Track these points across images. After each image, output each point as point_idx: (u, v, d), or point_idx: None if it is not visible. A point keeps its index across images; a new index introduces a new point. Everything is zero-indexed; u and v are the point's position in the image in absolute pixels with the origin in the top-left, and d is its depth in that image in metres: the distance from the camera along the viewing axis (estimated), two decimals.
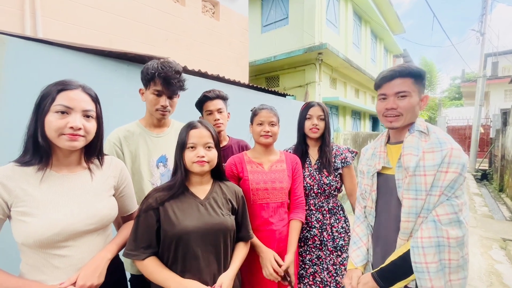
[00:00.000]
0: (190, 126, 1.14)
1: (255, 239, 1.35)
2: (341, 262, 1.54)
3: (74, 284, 0.87)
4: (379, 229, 1.16)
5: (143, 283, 1.34)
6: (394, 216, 1.07)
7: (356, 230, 1.26)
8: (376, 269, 1.08)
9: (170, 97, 1.36)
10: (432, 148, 0.98)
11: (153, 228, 1.04)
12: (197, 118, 1.37)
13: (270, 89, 4.40)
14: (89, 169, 1.00)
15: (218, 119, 1.71)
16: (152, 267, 1.03)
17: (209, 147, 1.13)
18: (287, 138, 2.16)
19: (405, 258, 0.99)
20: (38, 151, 0.88)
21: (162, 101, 1.33)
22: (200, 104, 1.78)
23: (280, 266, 1.34)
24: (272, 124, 1.47)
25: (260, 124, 1.46)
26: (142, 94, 1.40)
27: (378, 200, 1.16)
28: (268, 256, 1.33)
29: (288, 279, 1.35)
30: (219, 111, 1.73)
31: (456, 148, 0.96)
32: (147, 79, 1.31)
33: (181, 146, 1.12)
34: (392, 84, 1.07)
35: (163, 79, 1.29)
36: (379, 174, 1.16)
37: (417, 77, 1.06)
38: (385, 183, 1.13)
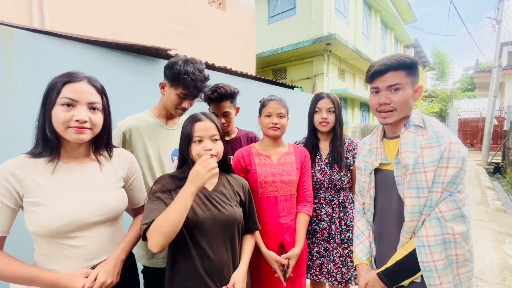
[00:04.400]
0: (194, 119, 1.12)
1: (259, 242, 1.35)
2: (347, 254, 1.53)
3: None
4: (380, 225, 1.15)
5: (155, 273, 1.36)
6: (396, 211, 1.05)
7: (357, 225, 1.25)
8: (381, 269, 1.07)
9: (192, 100, 1.38)
10: (429, 143, 0.95)
11: (163, 206, 1.03)
12: (200, 108, 1.34)
13: (277, 81, 4.34)
14: (98, 161, 1.01)
15: (223, 123, 1.64)
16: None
17: (215, 139, 1.13)
18: (294, 130, 2.12)
19: (411, 257, 0.97)
20: (48, 143, 0.89)
21: (185, 104, 1.35)
22: (207, 102, 1.71)
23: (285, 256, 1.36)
24: (281, 116, 1.44)
25: (268, 115, 1.44)
26: (162, 87, 1.37)
27: (377, 197, 1.14)
28: (271, 260, 1.35)
29: (285, 268, 1.35)
30: (225, 114, 1.64)
31: (454, 142, 0.93)
32: (177, 80, 1.28)
33: (187, 139, 1.11)
34: (384, 77, 1.03)
35: (195, 87, 1.29)
36: (377, 170, 1.13)
37: (410, 68, 1.02)
38: (384, 179, 1.11)
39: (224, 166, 1.23)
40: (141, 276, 1.28)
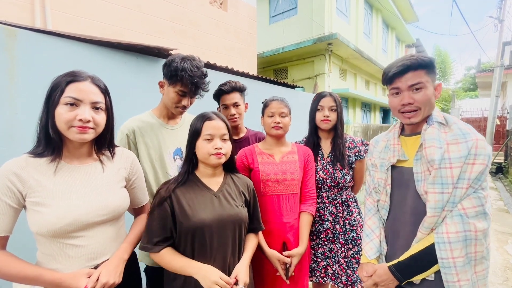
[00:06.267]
0: (205, 117, 1.12)
1: (261, 241, 1.35)
2: (352, 255, 1.52)
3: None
4: (394, 223, 1.14)
5: (158, 273, 1.36)
6: (411, 209, 1.05)
7: (368, 223, 1.24)
8: (393, 262, 1.06)
9: (191, 97, 1.37)
10: (456, 140, 0.95)
11: (167, 221, 1.05)
12: (203, 109, 1.35)
13: (278, 81, 4.33)
14: (100, 160, 1.00)
15: (234, 114, 1.69)
16: (168, 257, 1.04)
17: (225, 139, 1.13)
18: (295, 130, 2.12)
19: (427, 252, 0.97)
20: (51, 142, 0.88)
21: (185, 102, 1.35)
22: (217, 97, 1.75)
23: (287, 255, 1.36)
24: (283, 116, 1.44)
25: (271, 115, 1.44)
26: (161, 86, 1.37)
27: (393, 194, 1.13)
28: (273, 258, 1.35)
29: (287, 267, 1.34)
30: (235, 105, 1.70)
31: (480, 139, 0.93)
32: (174, 77, 1.28)
33: (195, 135, 1.11)
34: (405, 77, 1.02)
35: (192, 83, 1.29)
36: (393, 167, 1.13)
37: (429, 67, 1.02)
38: (400, 176, 1.11)
39: (230, 165, 1.23)
40: (143, 274, 1.28)
